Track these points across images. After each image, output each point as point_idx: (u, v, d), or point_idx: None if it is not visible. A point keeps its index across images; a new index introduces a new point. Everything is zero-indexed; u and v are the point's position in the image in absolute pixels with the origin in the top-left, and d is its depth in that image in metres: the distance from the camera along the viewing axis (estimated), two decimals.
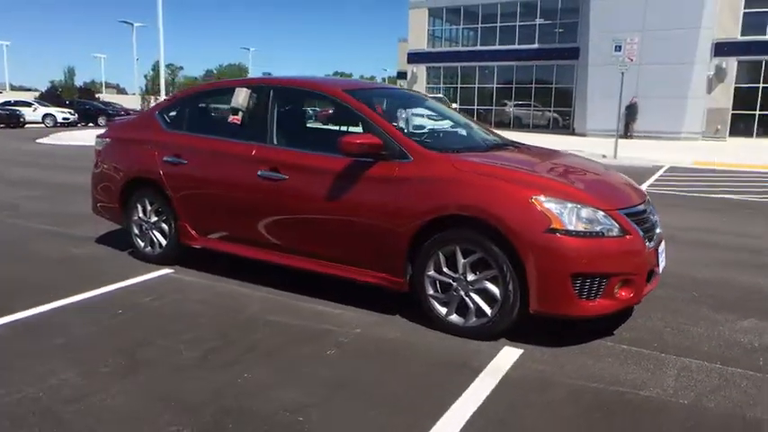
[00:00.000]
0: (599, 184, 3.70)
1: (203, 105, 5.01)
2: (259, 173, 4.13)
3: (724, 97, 27.14)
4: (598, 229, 3.24)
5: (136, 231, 4.99)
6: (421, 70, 35.55)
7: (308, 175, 3.96)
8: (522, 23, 32.48)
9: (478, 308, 3.42)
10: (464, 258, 3.42)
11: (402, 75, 51.25)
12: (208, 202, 4.46)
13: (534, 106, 32.76)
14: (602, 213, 3.28)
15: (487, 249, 3.31)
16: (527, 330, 3.46)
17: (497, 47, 33.10)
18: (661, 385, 2.94)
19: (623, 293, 3.30)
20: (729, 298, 4.34)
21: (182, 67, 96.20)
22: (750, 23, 26.52)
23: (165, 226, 4.80)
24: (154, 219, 4.85)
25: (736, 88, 27.11)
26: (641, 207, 3.62)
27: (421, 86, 35.02)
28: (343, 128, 4.84)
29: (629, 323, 3.75)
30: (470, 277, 3.42)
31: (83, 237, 5.84)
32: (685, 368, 3.14)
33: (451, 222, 3.43)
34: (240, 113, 4.37)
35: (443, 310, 3.55)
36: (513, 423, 2.57)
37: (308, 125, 4.69)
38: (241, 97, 4.36)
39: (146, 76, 59.53)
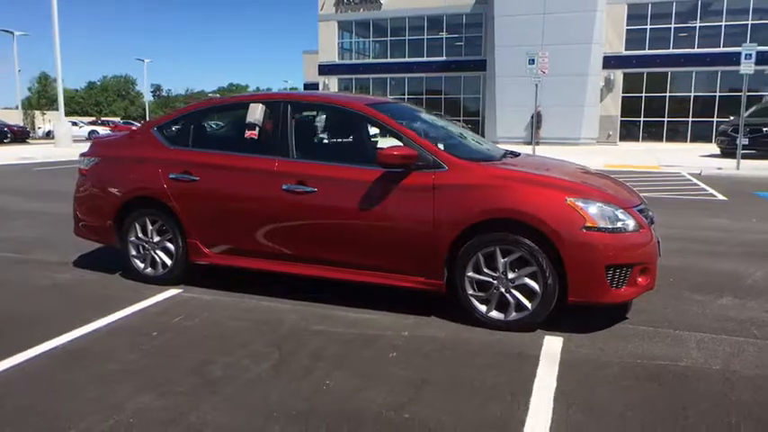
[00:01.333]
0: (608, 186, 4.14)
1: (212, 121, 4.95)
2: (284, 186, 4.19)
3: (613, 106, 29.85)
4: (621, 225, 3.66)
5: (133, 252, 4.83)
6: (333, 82, 35.87)
7: (339, 187, 4.09)
8: (429, 37, 33.79)
9: (519, 302, 3.73)
10: (503, 258, 3.72)
11: (309, 86, 51.35)
12: (224, 218, 4.44)
13: (444, 116, 34.11)
14: (621, 211, 3.71)
15: (527, 248, 3.63)
16: (556, 320, 3.82)
17: (407, 59, 34.19)
18: (690, 356, 3.39)
19: (642, 281, 3.75)
20: (698, 281, 4.97)
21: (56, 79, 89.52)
22: (632, 39, 29.43)
23: (170, 245, 4.68)
24: (156, 238, 4.72)
25: (623, 98, 29.92)
26: (643, 206, 4.11)
27: None
28: (343, 139, 5.00)
29: (634, 307, 4.22)
30: (511, 275, 3.72)
31: (55, 262, 5.51)
32: (700, 341, 3.63)
33: (490, 226, 3.72)
34: (257, 128, 4.39)
35: (483, 308, 3.82)
36: (592, 396, 2.89)
37: (327, 139, 4.76)
38: (258, 112, 4.39)
39: (30, 89, 54.78)
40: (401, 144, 3.95)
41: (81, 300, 4.44)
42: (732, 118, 28.88)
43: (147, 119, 56.57)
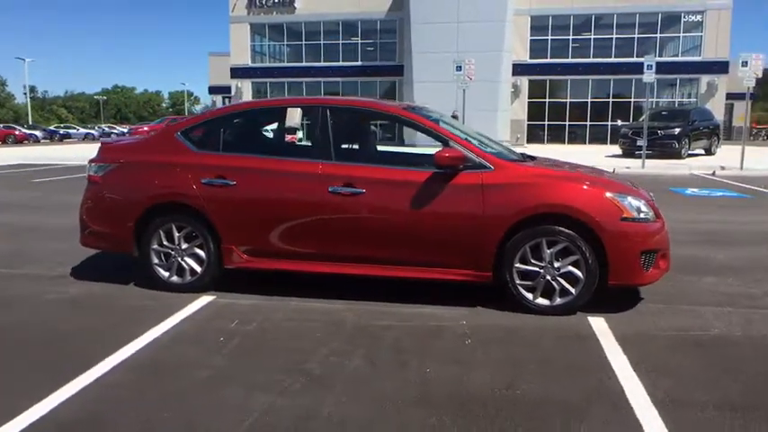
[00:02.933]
0: (624, 182, 4.65)
1: (246, 125, 4.90)
2: (330, 189, 4.30)
3: (521, 110, 31.80)
4: (644, 216, 4.16)
5: (155, 260, 4.69)
6: (246, 85, 35.18)
7: (388, 188, 4.27)
8: (344, 42, 34.11)
9: (563, 288, 4.11)
10: (549, 249, 4.09)
11: (216, 89, 49.84)
12: (264, 222, 4.45)
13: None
14: (644, 203, 4.21)
15: (571, 239, 4.03)
16: (588, 304, 4.25)
17: (322, 63, 34.27)
18: (714, 325, 3.95)
19: (662, 264, 4.27)
20: (679, 265, 5.62)
21: None
22: (536, 48, 31.53)
23: (199, 251, 4.61)
24: (184, 245, 4.63)
25: (529, 103, 31.96)
26: (652, 199, 4.66)
27: None
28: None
29: (640, 289, 4.76)
30: (556, 264, 4.09)
31: (50, 276, 5.20)
32: (715, 313, 4.21)
33: (537, 220, 4.07)
34: (296, 132, 4.46)
35: (530, 296, 4.17)
36: (661, 363, 3.31)
37: (369, 142, 4.90)
38: (297, 117, 4.46)
39: None
40: (450, 147, 4.21)
41: (113, 312, 4.27)
42: (620, 122, 31.82)
43: (30, 122, 51.97)
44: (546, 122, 32.39)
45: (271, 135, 4.78)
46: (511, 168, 4.23)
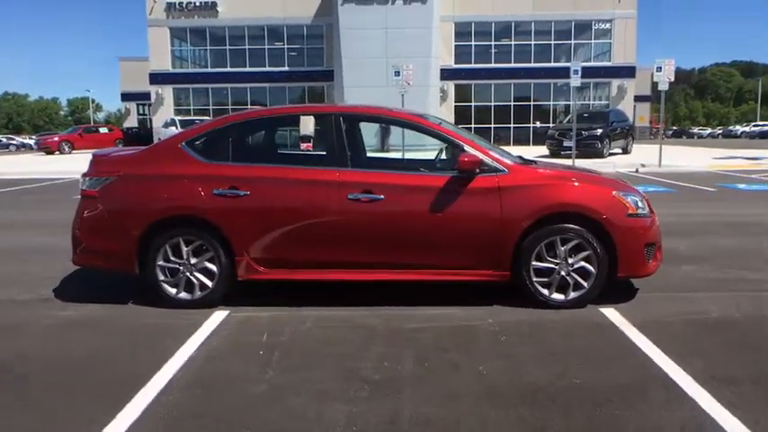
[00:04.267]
0: (622, 180, 4.98)
1: (257, 134, 4.79)
2: (349, 196, 4.32)
3: (449, 114, 32.62)
4: (643, 211, 4.51)
5: (162, 277, 4.51)
6: (167, 91, 33.85)
7: (406, 193, 4.35)
8: (270, 47, 33.63)
9: (576, 283, 4.37)
10: (563, 246, 4.33)
11: (129, 96, 47.55)
12: (281, 232, 4.39)
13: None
14: (640, 199, 4.56)
15: (583, 236, 4.29)
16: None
17: (248, 69, 33.59)
18: (711, 309, 4.34)
19: (659, 256, 4.64)
20: None
21: None
22: (460, 54, 32.57)
23: (210, 265, 4.47)
24: (194, 260, 4.48)
25: (456, 106, 32.92)
26: None
27: (168, 108, 33.38)
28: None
29: (634, 281, 5.12)
30: (570, 260, 4.34)
31: (35, 299, 4.85)
32: (708, 297, 4.62)
33: (551, 219, 4.30)
34: (311, 141, 4.44)
35: (546, 291, 4.39)
36: (686, 344, 3.62)
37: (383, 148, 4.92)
38: (312, 125, 4.44)
39: None
40: (466, 152, 4.35)
41: (129, 334, 4.05)
42: (539, 124, 33.52)
43: None
44: (472, 125, 33.41)
45: (283, 143, 4.71)
46: (524, 171, 4.44)
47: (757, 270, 5.47)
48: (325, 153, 4.50)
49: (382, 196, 4.33)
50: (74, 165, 20.98)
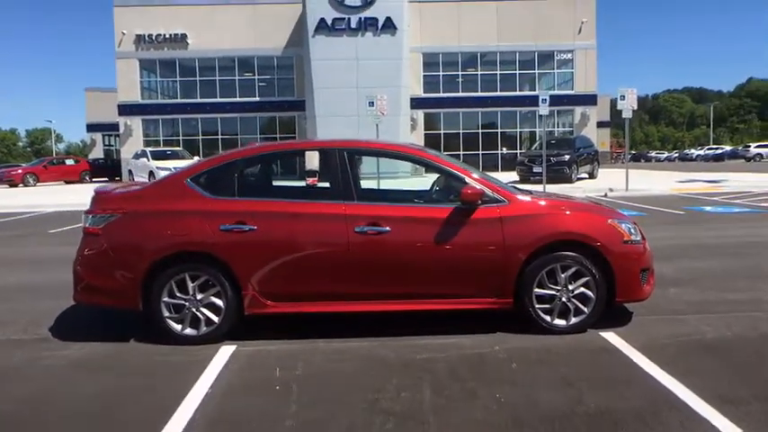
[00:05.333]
0: (614, 209, 5.19)
1: (263, 169, 4.83)
2: (356, 228, 4.40)
3: (419, 142, 33.11)
4: (638, 238, 4.71)
5: (167, 313, 4.48)
6: (136, 122, 33.46)
7: (412, 225, 4.46)
8: (240, 78, 33.73)
9: (577, 308, 4.52)
10: (563, 273, 4.48)
11: (95, 127, 46.85)
12: (289, 265, 4.43)
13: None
14: (633, 226, 4.77)
15: (582, 263, 4.45)
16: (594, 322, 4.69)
17: (219, 99, 33.56)
18: (705, 330, 4.53)
19: (652, 280, 4.84)
20: None
21: None
22: (429, 83, 33.29)
23: (216, 300, 4.47)
24: (200, 295, 4.47)
25: (425, 134, 33.44)
26: None
27: (138, 140, 32.99)
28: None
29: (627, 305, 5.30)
30: (571, 286, 4.50)
31: (35, 339, 4.75)
32: (698, 319, 4.82)
33: (551, 247, 4.46)
34: (317, 175, 4.52)
35: (548, 317, 4.52)
36: (689, 365, 3.77)
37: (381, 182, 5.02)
38: (316, 159, 4.53)
39: None
40: (468, 184, 4.49)
41: (138, 372, 4.01)
42: (506, 150, 34.33)
43: None
44: (442, 153, 34.04)
45: (289, 177, 4.77)
46: (523, 201, 4.60)
47: (739, 291, 5.74)
48: (330, 186, 4.58)
49: (389, 228, 4.42)
50: (40, 198, 20.51)
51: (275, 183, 5.18)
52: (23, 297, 6.24)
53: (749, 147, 50.27)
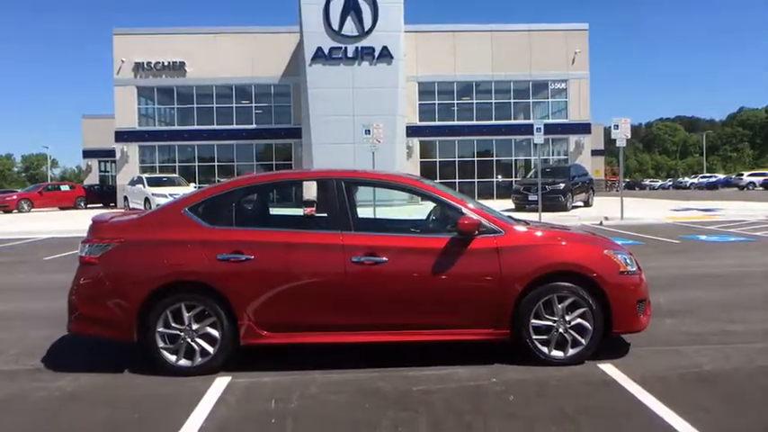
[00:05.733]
0: (609, 239, 5.22)
1: (260, 198, 4.84)
2: (353, 259, 4.40)
3: (414, 170, 33.30)
4: (634, 268, 4.72)
5: (161, 344, 4.44)
6: (132, 149, 33.58)
7: (409, 255, 4.46)
8: (237, 105, 34.05)
9: (574, 339, 4.50)
10: (560, 304, 4.48)
11: (91, 153, 46.95)
12: (285, 296, 4.41)
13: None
14: (629, 256, 4.78)
15: (579, 293, 4.45)
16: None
17: (215, 126, 33.80)
18: (702, 362, 4.51)
19: (648, 311, 4.83)
20: None
21: None
22: (424, 111, 33.66)
23: (212, 331, 4.44)
24: (195, 325, 4.43)
25: (421, 162, 33.66)
26: None
27: (134, 166, 33.09)
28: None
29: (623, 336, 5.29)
30: (568, 317, 4.49)
31: (28, 370, 4.68)
32: (697, 351, 4.80)
33: (548, 278, 4.46)
34: (314, 205, 4.54)
35: (545, 349, 4.50)
36: (687, 397, 3.75)
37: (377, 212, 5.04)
38: (314, 190, 4.55)
39: None
40: (465, 215, 4.51)
41: (133, 404, 3.94)
42: (500, 177, 34.54)
43: None
44: (437, 180, 34.20)
45: (287, 207, 4.79)
46: (519, 232, 4.62)
47: (736, 321, 5.73)
48: (327, 216, 4.60)
49: (386, 258, 4.42)
50: (34, 224, 20.42)
51: (272, 212, 5.19)
52: (16, 326, 6.17)
53: (742, 175, 50.83)
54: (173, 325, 4.42)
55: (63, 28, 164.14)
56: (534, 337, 4.49)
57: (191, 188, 24.88)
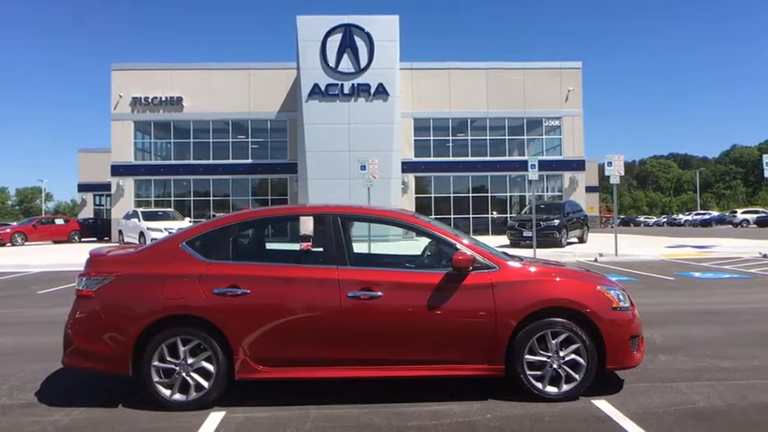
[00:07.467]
0: (600, 275, 5.29)
1: (257, 233, 4.90)
2: (349, 293, 4.44)
3: (409, 205, 33.49)
4: (627, 304, 4.78)
5: (156, 378, 4.44)
6: (128, 183, 33.71)
7: (403, 291, 4.51)
8: (234, 140, 34.39)
9: (568, 375, 4.52)
10: (554, 339, 4.52)
11: (86, 187, 47.04)
12: (282, 330, 4.43)
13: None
14: (621, 292, 4.84)
15: (572, 329, 4.50)
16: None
17: (212, 161, 34.05)
18: (696, 399, 4.53)
19: (642, 347, 4.87)
20: None
21: None
22: (420, 147, 34.06)
23: (207, 365, 4.44)
24: (191, 360, 4.44)
25: (416, 198, 33.89)
26: None
27: (129, 200, 33.17)
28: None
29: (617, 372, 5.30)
30: (561, 353, 4.51)
31: (21, 404, 4.64)
32: (689, 387, 4.82)
33: (541, 314, 4.50)
34: (311, 240, 4.61)
35: (540, 384, 4.51)
36: (678, 426, 3.77)
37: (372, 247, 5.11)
38: (310, 225, 4.63)
39: None
40: (460, 250, 4.58)
41: None
42: (496, 214, 34.74)
43: None
44: (433, 216, 34.37)
45: (284, 242, 4.85)
46: (514, 268, 4.69)
47: (730, 358, 5.76)
48: (323, 251, 4.66)
49: (381, 293, 4.47)
50: (27, 258, 20.33)
51: (269, 247, 5.25)
52: (10, 360, 6.13)
53: (736, 212, 51.30)
54: (168, 359, 4.42)
55: (60, 63, 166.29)
56: (528, 372, 4.51)
57: (186, 222, 24.92)
